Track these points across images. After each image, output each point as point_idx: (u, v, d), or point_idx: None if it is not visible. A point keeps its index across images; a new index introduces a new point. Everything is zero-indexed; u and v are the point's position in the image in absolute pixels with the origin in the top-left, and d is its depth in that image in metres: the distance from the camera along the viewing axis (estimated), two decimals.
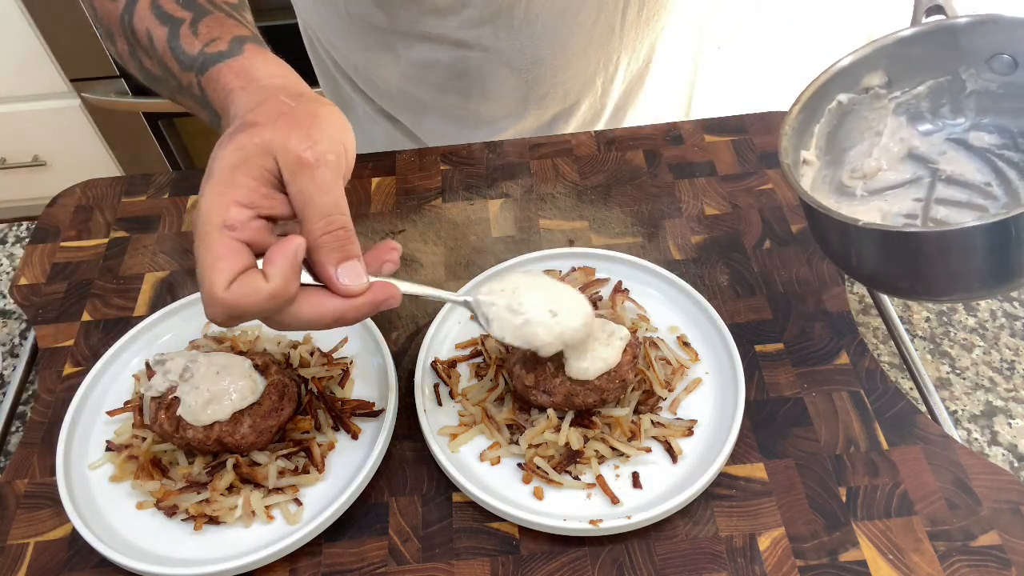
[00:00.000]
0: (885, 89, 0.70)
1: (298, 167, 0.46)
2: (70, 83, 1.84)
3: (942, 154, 0.70)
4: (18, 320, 0.81)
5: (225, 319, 0.45)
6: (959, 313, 0.75)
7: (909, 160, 0.71)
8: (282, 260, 0.45)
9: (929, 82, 0.69)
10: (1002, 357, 0.71)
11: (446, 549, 0.60)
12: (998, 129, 0.69)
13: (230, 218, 0.44)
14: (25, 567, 0.60)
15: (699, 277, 0.76)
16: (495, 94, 0.92)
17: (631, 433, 0.63)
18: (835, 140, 0.71)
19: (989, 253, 0.56)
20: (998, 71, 0.66)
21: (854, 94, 0.69)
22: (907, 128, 0.71)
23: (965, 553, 0.57)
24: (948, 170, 0.70)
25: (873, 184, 0.71)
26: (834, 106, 0.69)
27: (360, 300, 0.48)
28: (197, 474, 0.62)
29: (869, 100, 0.70)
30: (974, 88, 0.68)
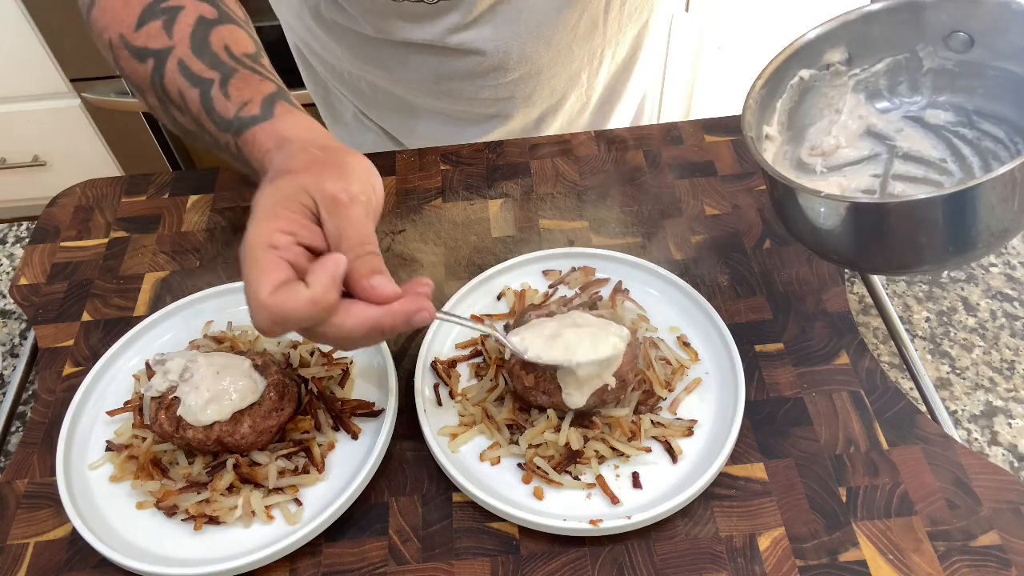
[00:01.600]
0: (845, 66, 0.71)
1: (334, 205, 0.50)
2: (70, 83, 1.84)
3: (899, 131, 0.72)
4: (18, 320, 0.82)
5: (270, 325, 0.48)
6: (959, 313, 0.75)
7: (867, 137, 0.72)
8: (322, 271, 0.48)
9: (887, 59, 0.70)
10: (1002, 357, 0.71)
11: (446, 549, 0.60)
12: (953, 107, 0.70)
13: (274, 240, 0.48)
14: (25, 567, 0.60)
15: (699, 277, 0.76)
16: (483, 95, 0.92)
17: (631, 433, 0.63)
18: (796, 117, 0.72)
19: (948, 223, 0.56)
20: (955, 49, 0.67)
21: (815, 70, 0.70)
22: (865, 106, 0.73)
23: (965, 553, 0.57)
24: (905, 147, 0.71)
25: (832, 161, 0.72)
26: (796, 82, 0.70)
27: (396, 306, 0.50)
28: (197, 474, 0.62)
29: (830, 77, 0.71)
30: (931, 66, 0.69)
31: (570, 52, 0.90)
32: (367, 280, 0.50)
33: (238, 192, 0.87)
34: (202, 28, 0.61)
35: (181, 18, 0.61)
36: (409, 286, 0.53)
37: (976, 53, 0.67)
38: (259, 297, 0.47)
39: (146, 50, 0.61)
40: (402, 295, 0.51)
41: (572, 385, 0.61)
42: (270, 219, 0.49)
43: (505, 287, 0.75)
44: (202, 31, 0.61)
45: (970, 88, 0.69)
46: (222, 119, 0.58)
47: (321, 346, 0.71)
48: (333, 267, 0.49)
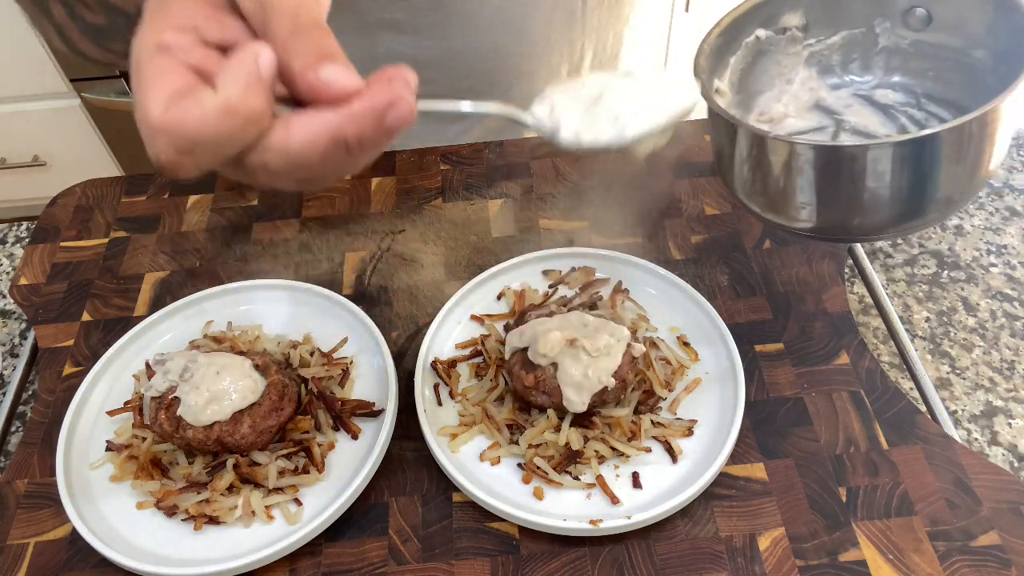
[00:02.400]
0: (802, 32, 0.70)
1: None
2: (70, 83, 1.85)
3: (848, 107, 0.71)
4: (18, 320, 0.82)
5: (171, 152, 0.34)
6: (959, 313, 0.75)
7: (816, 110, 0.72)
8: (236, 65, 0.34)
9: (844, 32, 0.69)
10: (1002, 357, 0.71)
11: (446, 549, 0.60)
12: (904, 88, 0.70)
13: (164, 39, 0.35)
14: (25, 567, 0.60)
15: (699, 277, 0.76)
16: (458, 86, 0.90)
17: (631, 433, 0.63)
18: (747, 80, 0.71)
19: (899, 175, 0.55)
20: (912, 27, 0.67)
21: (772, 32, 0.69)
22: (817, 80, 0.72)
23: (965, 553, 0.57)
24: (853, 121, 0.70)
25: (778, 128, 0.71)
26: (752, 40, 0.69)
27: (358, 106, 0.36)
28: (197, 474, 0.62)
29: (785, 43, 0.70)
30: (886, 44, 0.69)
31: (547, 43, 0.88)
32: (313, 72, 0.35)
33: (238, 192, 0.87)
34: None
35: None
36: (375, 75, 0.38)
37: (932, 33, 0.66)
38: (150, 116, 0.33)
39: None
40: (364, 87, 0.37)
41: (572, 388, 0.61)
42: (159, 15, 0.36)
43: (505, 287, 0.75)
44: None
45: (922, 70, 0.69)
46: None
47: (321, 346, 0.71)
48: (252, 59, 0.34)
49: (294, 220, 0.84)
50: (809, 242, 0.78)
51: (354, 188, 0.87)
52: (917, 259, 0.80)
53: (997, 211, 0.83)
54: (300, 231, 0.83)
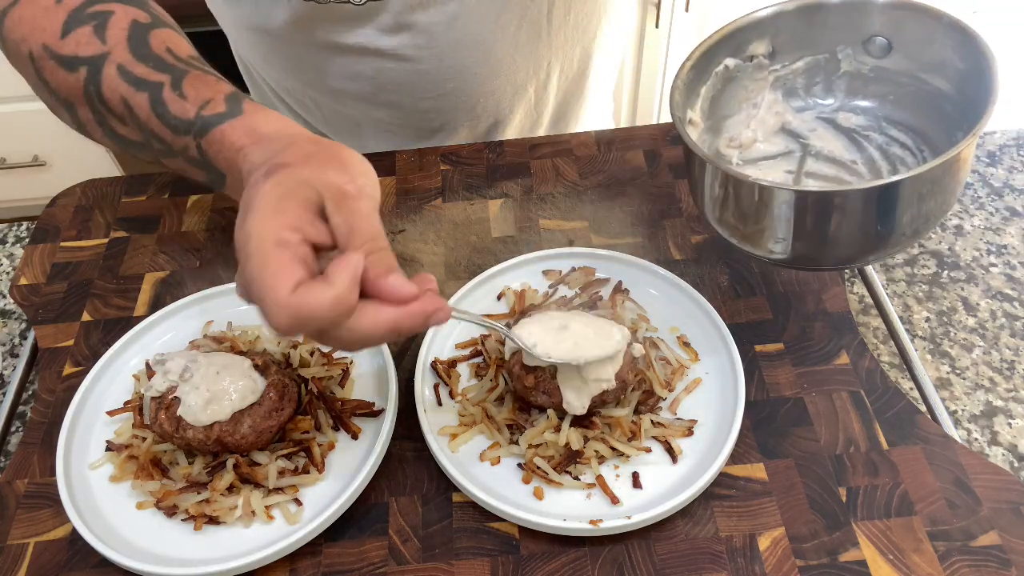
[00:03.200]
0: (768, 60, 0.72)
1: (341, 198, 0.48)
2: None
3: (812, 131, 0.73)
4: (18, 320, 0.82)
5: (290, 324, 0.45)
6: (959, 313, 0.75)
7: (782, 134, 0.73)
8: (344, 268, 0.45)
9: (808, 58, 0.72)
10: (1002, 357, 0.71)
11: (446, 549, 0.60)
12: (865, 112, 0.72)
13: (283, 237, 0.45)
14: (25, 567, 0.60)
15: (699, 277, 0.76)
16: (423, 106, 0.91)
17: (631, 433, 0.63)
18: (716, 106, 0.73)
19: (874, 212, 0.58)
20: (873, 54, 0.69)
21: (740, 60, 0.71)
22: (782, 103, 0.74)
23: (965, 553, 0.57)
24: (818, 146, 0.72)
25: (748, 154, 0.73)
26: (721, 70, 0.71)
27: (414, 307, 0.48)
28: (197, 474, 0.62)
29: (752, 69, 0.72)
30: (847, 69, 0.71)
31: (513, 62, 0.88)
32: (384, 279, 0.47)
33: None
34: (139, 31, 0.57)
35: (113, 23, 0.57)
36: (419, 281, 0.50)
37: (893, 60, 0.68)
38: (278, 296, 0.44)
39: (76, 58, 0.57)
40: (419, 294, 0.48)
41: (572, 391, 0.61)
42: (275, 215, 0.46)
43: (505, 287, 0.75)
44: (139, 34, 0.57)
45: (882, 94, 0.70)
46: (180, 121, 0.55)
47: (321, 346, 0.71)
48: (355, 266, 0.46)
49: None
50: None
51: None
52: (917, 259, 0.80)
53: (997, 211, 0.83)
54: None
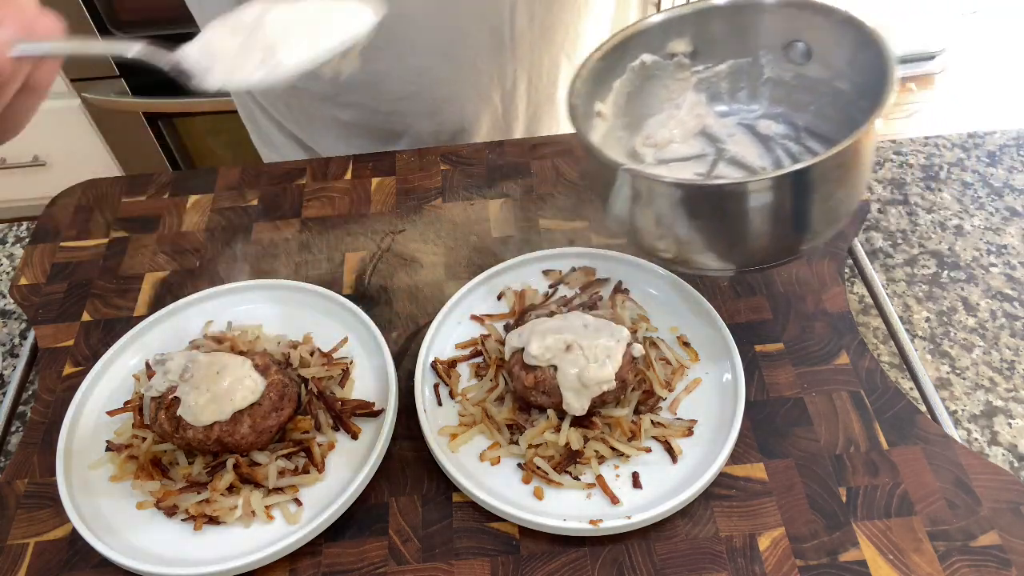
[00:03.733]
0: (689, 59, 0.70)
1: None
2: (70, 83, 1.84)
3: (731, 136, 0.71)
4: (18, 320, 0.82)
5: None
6: (959, 313, 0.75)
7: (700, 136, 0.72)
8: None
9: (730, 61, 0.70)
10: (1002, 357, 0.71)
11: (446, 549, 0.60)
12: (786, 121, 0.70)
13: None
14: (25, 567, 0.60)
15: (699, 277, 0.76)
16: (384, 108, 0.91)
17: (631, 433, 0.63)
18: (636, 103, 0.71)
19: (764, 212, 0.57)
20: (793, 60, 0.67)
21: (659, 57, 0.69)
22: (705, 106, 0.72)
23: (965, 553, 0.57)
24: (733, 151, 0.70)
25: (662, 154, 0.71)
26: (637, 65, 0.69)
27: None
28: (197, 474, 0.62)
29: (673, 68, 0.70)
30: (771, 75, 0.69)
31: (475, 68, 0.88)
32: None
33: (238, 192, 0.87)
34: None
35: None
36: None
37: (813, 67, 0.66)
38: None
39: None
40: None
41: (572, 392, 0.61)
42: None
43: (505, 287, 0.75)
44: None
45: (803, 104, 0.68)
46: None
47: (321, 346, 0.71)
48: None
49: (294, 220, 0.84)
50: None
51: (354, 188, 0.87)
52: (917, 259, 0.80)
53: (997, 211, 0.83)
54: (300, 231, 0.83)
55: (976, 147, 0.90)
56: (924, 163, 0.89)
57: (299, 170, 0.89)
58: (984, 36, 2.57)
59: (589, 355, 0.61)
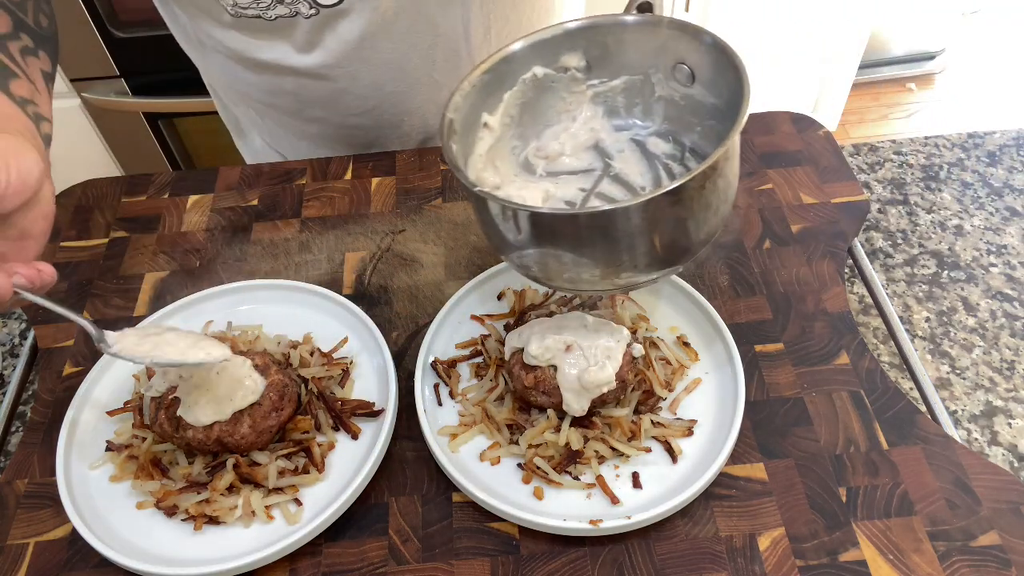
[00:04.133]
0: (583, 74, 0.69)
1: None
2: (70, 83, 1.84)
3: (620, 152, 0.70)
4: (18, 320, 0.81)
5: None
6: (959, 313, 0.75)
7: (592, 151, 0.71)
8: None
9: (624, 77, 0.69)
10: (1002, 357, 0.71)
11: (446, 549, 0.60)
12: (675, 139, 0.69)
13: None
14: (25, 567, 0.60)
15: (699, 277, 0.76)
16: (349, 123, 0.91)
17: (631, 433, 0.63)
18: (533, 112, 0.70)
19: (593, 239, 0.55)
20: (680, 81, 0.66)
21: (551, 70, 0.68)
22: (601, 120, 0.71)
23: (965, 553, 0.57)
24: (618, 168, 0.69)
25: (552, 166, 0.70)
26: (529, 77, 0.68)
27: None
28: (197, 474, 0.62)
29: (567, 81, 0.69)
30: (662, 94, 0.68)
31: (432, 81, 0.88)
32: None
33: (238, 192, 0.87)
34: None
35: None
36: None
37: (697, 89, 0.65)
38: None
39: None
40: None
41: (571, 394, 0.61)
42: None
43: (505, 287, 0.75)
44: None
45: (691, 125, 0.68)
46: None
47: (321, 346, 0.71)
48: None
49: (294, 220, 0.84)
50: (808, 242, 0.78)
51: (354, 188, 0.87)
52: (917, 259, 0.80)
53: (997, 211, 0.83)
54: (300, 231, 0.83)
55: (976, 147, 0.90)
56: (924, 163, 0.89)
57: (299, 170, 0.89)
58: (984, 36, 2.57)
59: (589, 355, 0.61)
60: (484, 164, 0.66)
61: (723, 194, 0.57)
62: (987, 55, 2.52)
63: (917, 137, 0.93)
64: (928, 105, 2.39)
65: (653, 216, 0.54)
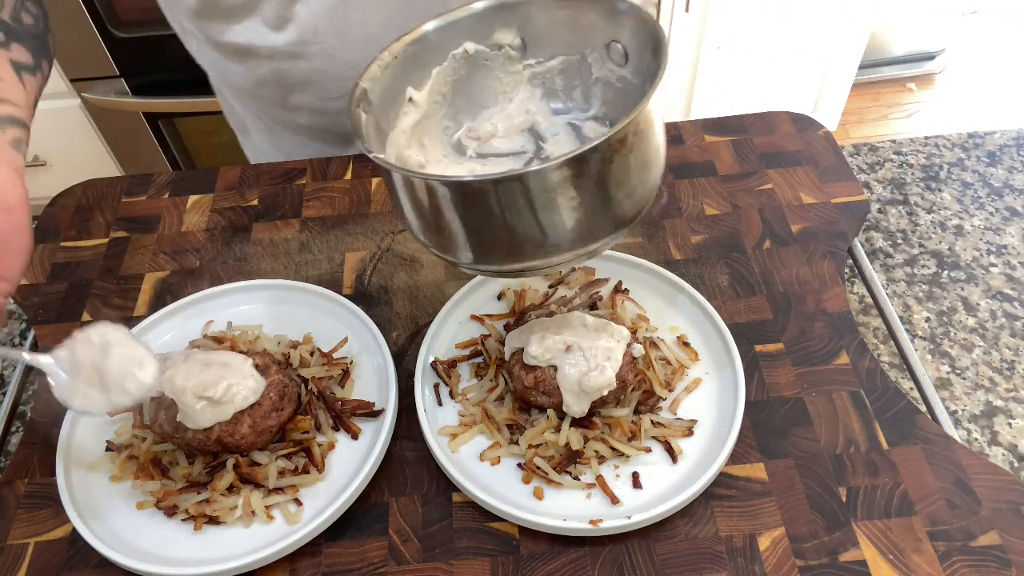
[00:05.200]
0: (518, 52, 0.66)
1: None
2: (70, 83, 1.84)
3: (555, 135, 0.67)
4: (18, 320, 0.81)
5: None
6: (959, 313, 0.75)
7: (526, 134, 0.68)
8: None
9: (561, 58, 0.66)
10: (1002, 357, 0.71)
11: (446, 549, 0.60)
12: (612, 123, 0.65)
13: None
14: (25, 567, 0.60)
15: (699, 277, 0.76)
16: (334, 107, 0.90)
17: (631, 433, 0.63)
18: (468, 94, 0.68)
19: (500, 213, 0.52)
20: (615, 61, 0.63)
21: (484, 47, 0.65)
22: (539, 102, 0.68)
23: (965, 553, 0.57)
24: (550, 151, 0.67)
25: (484, 148, 0.68)
26: (460, 53, 0.65)
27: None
28: (197, 474, 0.62)
29: (502, 60, 0.66)
30: (599, 75, 0.65)
31: None
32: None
33: (238, 192, 0.87)
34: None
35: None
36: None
37: (630, 69, 0.62)
38: None
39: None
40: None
41: (571, 395, 0.61)
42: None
43: (505, 287, 0.75)
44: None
45: (627, 108, 0.60)
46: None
47: (321, 346, 0.71)
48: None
49: (294, 220, 0.84)
50: (808, 242, 0.78)
51: (354, 188, 0.87)
52: (917, 259, 0.80)
53: (997, 211, 0.83)
54: (300, 231, 0.83)
55: (976, 147, 0.90)
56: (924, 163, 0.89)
57: (299, 170, 0.89)
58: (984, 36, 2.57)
59: (589, 356, 0.61)
60: (408, 141, 0.63)
61: (639, 170, 0.54)
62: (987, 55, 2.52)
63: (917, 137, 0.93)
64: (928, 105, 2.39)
65: (549, 187, 0.51)
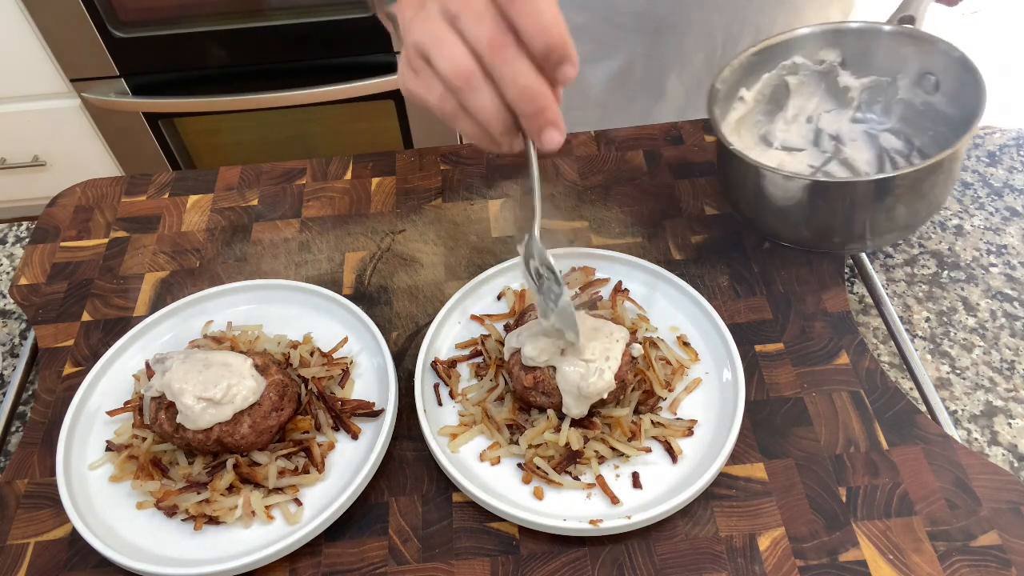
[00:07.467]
0: (838, 68, 0.80)
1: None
2: (70, 83, 1.84)
3: (853, 140, 0.81)
4: (18, 320, 0.82)
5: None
6: (959, 313, 0.75)
7: (826, 135, 0.82)
8: None
9: (873, 77, 0.79)
10: (1002, 357, 0.71)
11: (446, 549, 0.60)
12: (906, 139, 0.79)
13: None
14: (25, 567, 0.60)
15: (699, 277, 0.76)
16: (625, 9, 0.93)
17: (631, 433, 0.63)
18: (784, 93, 0.82)
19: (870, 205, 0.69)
20: (925, 89, 0.76)
21: (809, 61, 0.80)
22: (841, 111, 0.82)
23: (965, 553, 0.57)
24: (848, 153, 0.80)
25: (787, 142, 0.83)
26: (789, 63, 0.80)
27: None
28: (197, 474, 0.62)
29: (822, 73, 0.80)
30: (903, 97, 0.78)
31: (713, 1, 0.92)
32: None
33: (238, 192, 0.87)
34: None
35: None
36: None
37: (938, 98, 0.75)
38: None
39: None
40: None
41: (571, 396, 0.61)
42: None
43: (505, 287, 0.75)
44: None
45: (925, 128, 0.77)
46: None
47: (321, 346, 0.71)
48: None
49: (294, 220, 0.84)
50: None
51: (354, 188, 0.87)
52: (917, 259, 0.80)
53: (997, 211, 0.83)
54: (300, 231, 0.83)
55: (976, 147, 0.90)
56: None
57: (299, 170, 0.89)
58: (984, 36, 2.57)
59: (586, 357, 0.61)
60: (731, 131, 0.79)
61: (942, 188, 0.70)
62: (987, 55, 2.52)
63: None
64: None
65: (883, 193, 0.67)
